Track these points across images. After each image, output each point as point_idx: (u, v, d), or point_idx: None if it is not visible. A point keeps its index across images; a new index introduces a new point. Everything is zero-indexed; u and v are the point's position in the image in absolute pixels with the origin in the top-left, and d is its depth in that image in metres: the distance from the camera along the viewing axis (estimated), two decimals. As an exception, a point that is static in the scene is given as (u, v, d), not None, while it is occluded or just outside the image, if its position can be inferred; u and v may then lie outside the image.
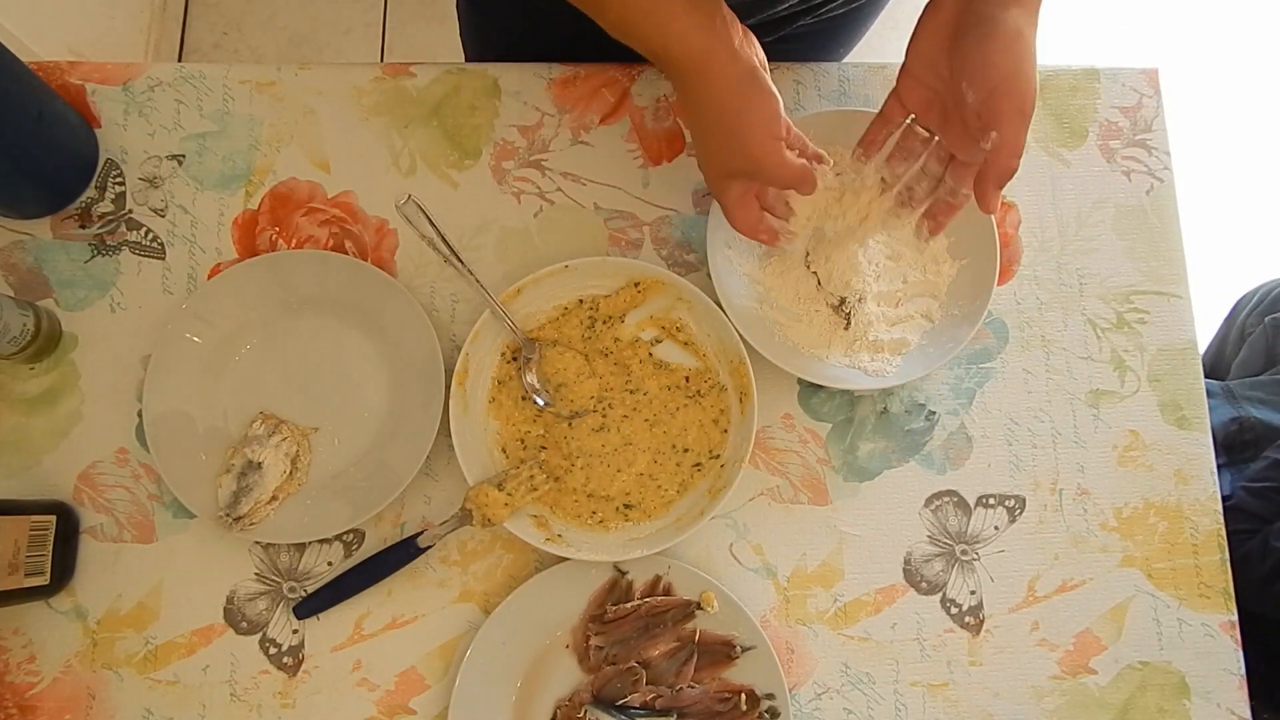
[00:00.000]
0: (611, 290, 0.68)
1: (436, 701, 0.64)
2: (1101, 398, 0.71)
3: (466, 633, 0.65)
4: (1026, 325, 0.72)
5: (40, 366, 0.67)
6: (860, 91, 0.75)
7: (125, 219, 0.69)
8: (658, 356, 0.68)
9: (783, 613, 0.67)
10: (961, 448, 0.70)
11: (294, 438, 0.65)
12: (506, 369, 0.67)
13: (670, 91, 0.74)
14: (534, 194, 0.72)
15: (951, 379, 0.71)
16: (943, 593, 0.68)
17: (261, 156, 0.71)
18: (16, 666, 0.63)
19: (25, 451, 0.65)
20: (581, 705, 0.63)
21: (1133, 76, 0.77)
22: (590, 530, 0.65)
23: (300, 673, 0.64)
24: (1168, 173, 0.75)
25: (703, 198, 0.72)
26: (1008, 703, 0.66)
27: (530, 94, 0.73)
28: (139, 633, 0.64)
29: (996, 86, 0.53)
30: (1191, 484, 0.70)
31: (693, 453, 0.66)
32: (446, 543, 0.66)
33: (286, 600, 0.65)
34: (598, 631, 0.63)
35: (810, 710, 0.65)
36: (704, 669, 0.64)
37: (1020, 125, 0.54)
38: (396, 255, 0.70)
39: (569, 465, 0.65)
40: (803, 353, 0.67)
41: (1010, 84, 0.53)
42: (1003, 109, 0.53)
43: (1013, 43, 0.53)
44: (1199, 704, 0.66)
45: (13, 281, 0.68)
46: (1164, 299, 0.73)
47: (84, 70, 0.72)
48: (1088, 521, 0.69)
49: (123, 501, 0.65)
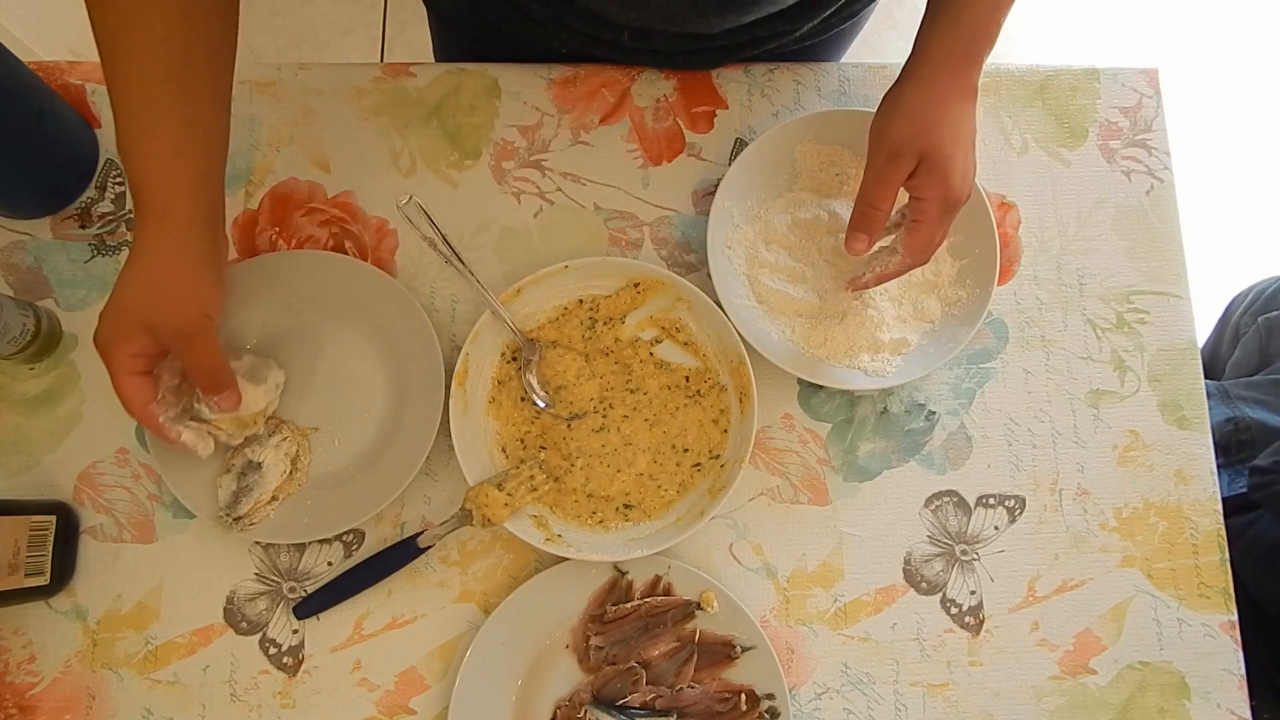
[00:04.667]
0: (611, 290, 0.68)
1: (436, 701, 0.64)
2: (1101, 398, 0.71)
3: (466, 633, 0.65)
4: (1026, 325, 0.72)
5: (40, 366, 0.67)
6: (860, 91, 0.75)
7: (125, 219, 0.69)
8: (658, 356, 0.68)
9: (783, 613, 0.67)
10: (961, 448, 0.70)
11: (294, 438, 0.65)
12: (506, 369, 0.67)
13: (670, 91, 0.74)
14: (534, 194, 0.72)
15: (951, 379, 0.71)
16: (943, 593, 0.68)
17: (261, 157, 0.71)
18: (16, 666, 0.63)
19: (25, 451, 0.65)
20: (581, 705, 0.63)
21: (1133, 76, 0.77)
22: (590, 530, 0.65)
23: (300, 673, 0.64)
24: (1168, 173, 0.75)
25: (703, 198, 0.72)
26: (1008, 703, 0.66)
27: (530, 94, 0.73)
28: (139, 633, 0.64)
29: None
30: (1191, 484, 0.70)
31: (693, 453, 0.66)
32: (446, 543, 0.66)
33: (286, 600, 0.65)
34: (598, 631, 0.63)
35: (810, 710, 0.65)
36: (704, 669, 0.64)
37: (871, 165, 0.59)
38: (396, 255, 0.70)
39: (569, 465, 0.65)
40: (803, 353, 0.67)
41: (873, 137, 0.60)
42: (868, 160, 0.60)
43: (888, 103, 0.60)
44: (1199, 704, 0.66)
45: (13, 281, 0.68)
46: (1164, 299, 0.73)
47: (84, 70, 0.71)
48: (1088, 521, 0.69)
49: (123, 501, 0.65)
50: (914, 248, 0.60)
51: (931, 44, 0.59)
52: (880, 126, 0.59)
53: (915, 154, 0.57)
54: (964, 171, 0.59)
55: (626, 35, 0.67)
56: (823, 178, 0.70)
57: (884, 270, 0.62)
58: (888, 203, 0.59)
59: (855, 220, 0.60)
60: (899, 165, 0.58)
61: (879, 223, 0.60)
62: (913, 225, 0.60)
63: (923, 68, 0.59)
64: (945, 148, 0.57)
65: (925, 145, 0.57)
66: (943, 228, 0.60)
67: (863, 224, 0.60)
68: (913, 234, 0.60)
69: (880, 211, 0.59)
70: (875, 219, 0.60)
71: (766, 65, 0.74)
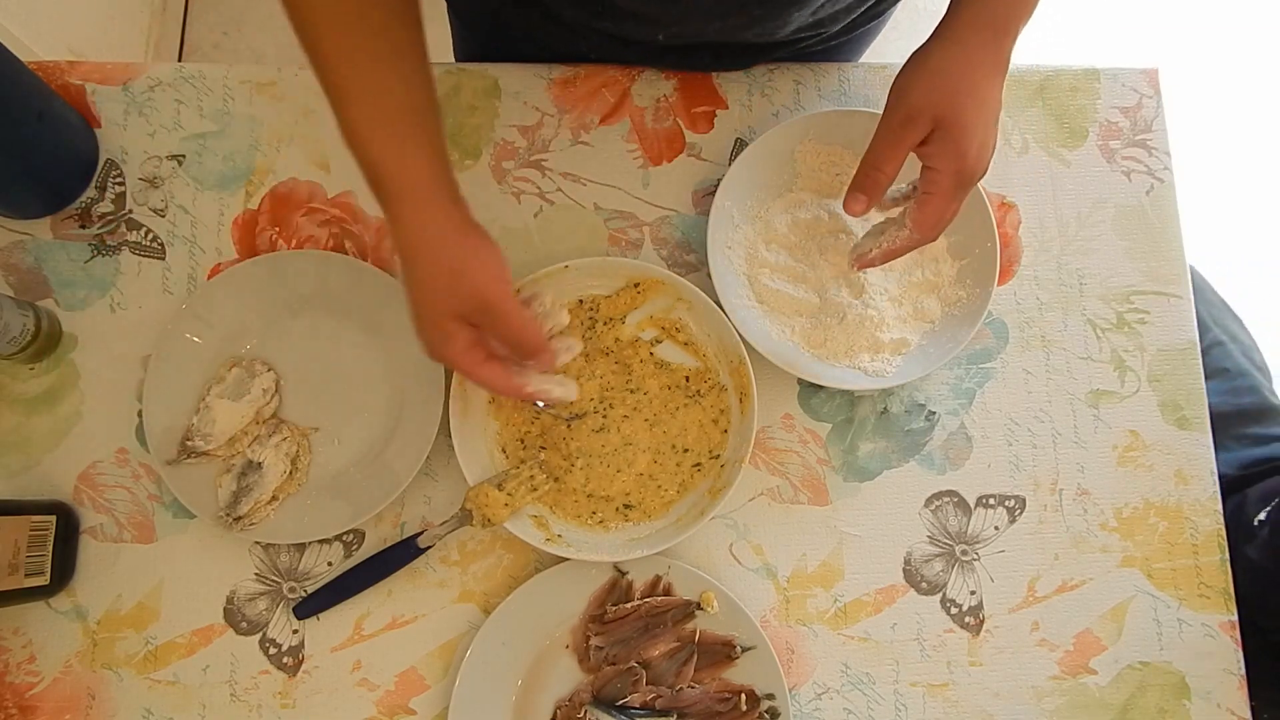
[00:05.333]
0: (611, 290, 0.68)
1: (436, 701, 0.64)
2: (1101, 398, 0.71)
3: (466, 633, 0.65)
4: (1026, 325, 0.72)
5: (40, 366, 0.67)
6: (860, 91, 0.75)
7: (125, 219, 0.69)
8: (658, 356, 0.68)
9: (783, 613, 0.67)
10: (961, 448, 0.70)
11: (294, 438, 0.65)
12: (506, 369, 0.67)
13: (670, 91, 0.74)
14: (534, 194, 0.72)
15: (951, 379, 0.71)
16: (943, 593, 0.68)
17: (261, 156, 0.71)
18: (16, 666, 0.63)
19: (25, 451, 0.65)
20: (581, 705, 0.63)
21: (1133, 76, 0.77)
22: (590, 530, 0.65)
23: (300, 673, 0.64)
24: (1168, 173, 0.75)
25: (703, 198, 0.72)
26: (1008, 703, 0.66)
27: (530, 94, 0.73)
28: (139, 633, 0.64)
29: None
30: (1191, 484, 0.70)
31: (693, 453, 0.66)
32: (446, 543, 0.66)
33: (286, 600, 0.65)
34: (598, 631, 0.63)
35: (810, 710, 0.65)
36: (704, 669, 0.64)
37: (884, 125, 0.56)
38: (396, 255, 0.70)
39: (569, 465, 0.65)
40: (803, 353, 0.67)
41: (892, 95, 0.56)
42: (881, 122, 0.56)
43: (913, 63, 0.56)
44: (1199, 704, 0.66)
45: (13, 281, 0.68)
46: (1164, 299, 0.73)
47: (84, 70, 0.72)
48: (1088, 522, 0.69)
49: (123, 501, 0.65)
50: (923, 223, 0.57)
51: (964, 9, 0.55)
52: (901, 86, 0.55)
53: (931, 119, 0.54)
54: (982, 145, 0.55)
55: (662, 36, 0.65)
56: (823, 178, 0.70)
57: (890, 246, 0.59)
58: (893, 166, 0.56)
59: (856, 180, 0.57)
60: (913, 129, 0.54)
61: (881, 185, 0.56)
62: (923, 198, 0.56)
63: (953, 31, 0.55)
64: (965, 117, 0.54)
65: (944, 112, 0.53)
66: (954, 203, 0.56)
67: (864, 184, 0.56)
68: (922, 207, 0.56)
69: (883, 174, 0.56)
70: (877, 181, 0.56)
71: (767, 65, 0.74)
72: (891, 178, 0.56)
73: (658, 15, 0.61)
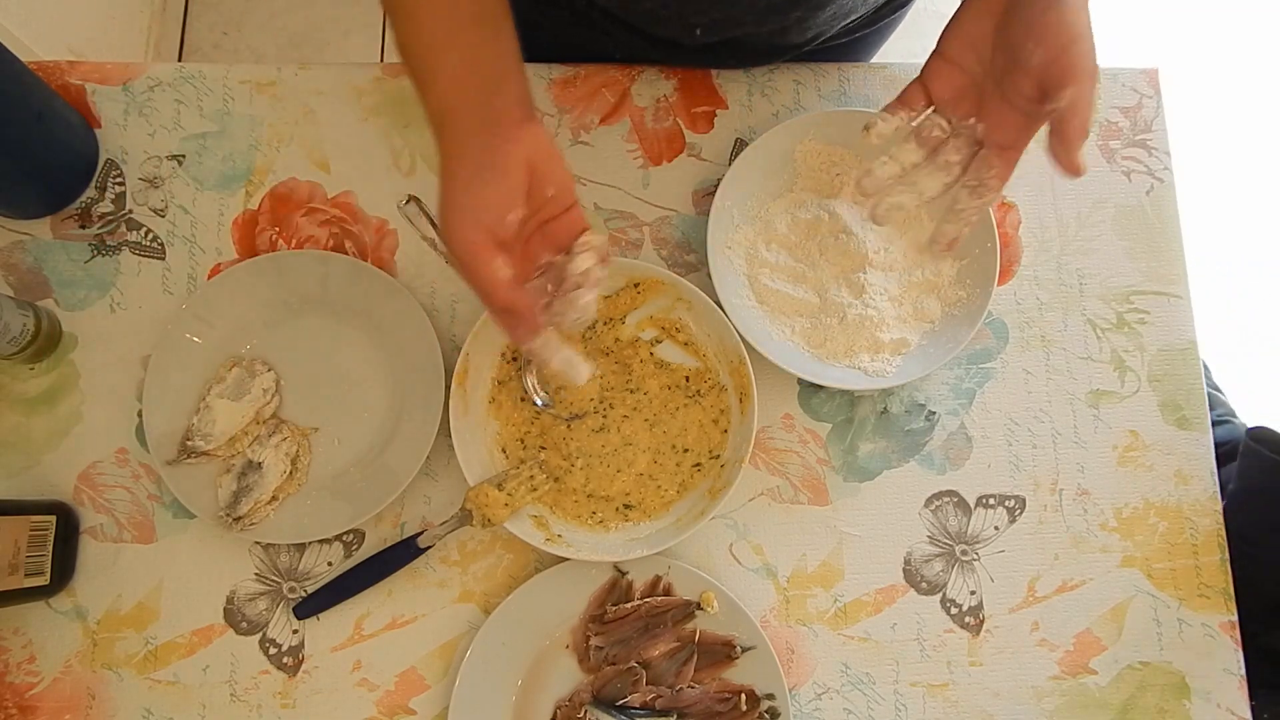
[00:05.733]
0: (611, 290, 0.68)
1: (436, 701, 0.64)
2: (1101, 398, 0.71)
3: (466, 633, 0.65)
4: (1026, 325, 0.72)
5: (40, 366, 0.67)
6: (860, 91, 0.75)
7: (125, 219, 0.69)
8: (658, 356, 0.68)
9: (783, 613, 0.67)
10: (961, 448, 0.70)
11: (294, 438, 0.65)
12: (506, 369, 0.67)
13: (670, 91, 0.74)
14: (534, 194, 0.72)
15: (951, 379, 0.71)
16: (943, 593, 0.68)
17: (261, 156, 0.71)
18: (16, 666, 0.63)
19: (25, 451, 0.65)
20: (581, 705, 0.63)
21: (1133, 76, 0.77)
22: (590, 530, 0.65)
23: (300, 673, 0.64)
24: (1168, 173, 0.75)
25: (703, 198, 0.72)
26: (1008, 703, 0.66)
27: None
28: (139, 633, 0.64)
29: (1070, 43, 0.50)
30: (1191, 484, 0.70)
31: (693, 453, 0.66)
32: (446, 543, 0.66)
33: (286, 600, 0.65)
34: (598, 631, 0.63)
35: (810, 710, 0.65)
36: (704, 669, 0.64)
37: (1093, 84, 0.51)
38: (396, 255, 0.70)
39: (569, 465, 0.65)
40: (803, 353, 0.67)
41: (1084, 41, 0.50)
42: (1078, 65, 0.50)
43: (1081, 6, 0.51)
44: (1199, 704, 0.66)
45: (13, 281, 0.68)
46: (1164, 299, 0.73)
47: (84, 70, 0.72)
48: (1088, 521, 0.69)
49: (123, 501, 0.65)
50: (1007, 175, 0.54)
51: None
52: (1082, 26, 0.50)
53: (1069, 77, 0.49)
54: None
55: (699, 32, 0.64)
56: (823, 178, 0.70)
57: (971, 216, 0.55)
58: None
59: (1079, 134, 0.51)
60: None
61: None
62: (1008, 153, 0.54)
63: None
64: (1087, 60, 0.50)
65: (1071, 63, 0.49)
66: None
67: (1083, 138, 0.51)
68: (1005, 159, 0.54)
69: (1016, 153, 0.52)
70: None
71: (767, 65, 0.74)
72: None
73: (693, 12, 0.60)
